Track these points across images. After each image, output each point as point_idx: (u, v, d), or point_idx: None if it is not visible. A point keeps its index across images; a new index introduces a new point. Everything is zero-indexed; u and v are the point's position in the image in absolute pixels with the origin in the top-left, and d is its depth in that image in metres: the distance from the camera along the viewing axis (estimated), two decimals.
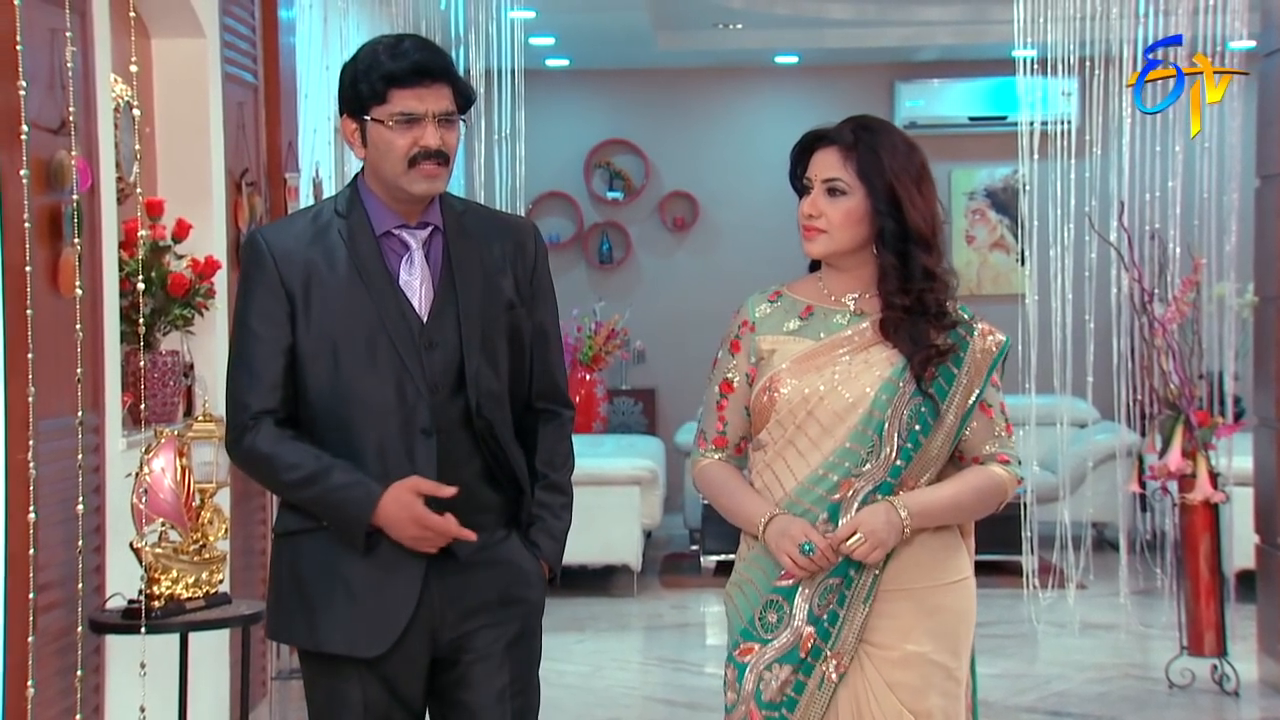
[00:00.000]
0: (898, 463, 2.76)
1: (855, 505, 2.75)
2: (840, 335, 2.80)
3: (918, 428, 2.76)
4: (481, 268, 2.82)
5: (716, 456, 2.92)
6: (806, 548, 2.71)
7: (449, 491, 2.70)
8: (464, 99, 2.77)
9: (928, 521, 2.77)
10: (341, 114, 2.79)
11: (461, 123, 2.80)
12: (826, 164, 2.80)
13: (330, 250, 2.77)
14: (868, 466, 2.76)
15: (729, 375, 2.90)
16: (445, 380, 2.77)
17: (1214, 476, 5.79)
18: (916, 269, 2.75)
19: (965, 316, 2.84)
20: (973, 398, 2.80)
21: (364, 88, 2.72)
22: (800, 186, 2.84)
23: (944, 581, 2.81)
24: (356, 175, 2.85)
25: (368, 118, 2.73)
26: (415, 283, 2.79)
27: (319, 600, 2.77)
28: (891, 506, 2.73)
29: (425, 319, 2.78)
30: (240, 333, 2.79)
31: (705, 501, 4.01)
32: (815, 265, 2.89)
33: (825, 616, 2.74)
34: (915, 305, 2.76)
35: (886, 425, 2.75)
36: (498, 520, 2.84)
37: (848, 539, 2.71)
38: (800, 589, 2.76)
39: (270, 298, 2.76)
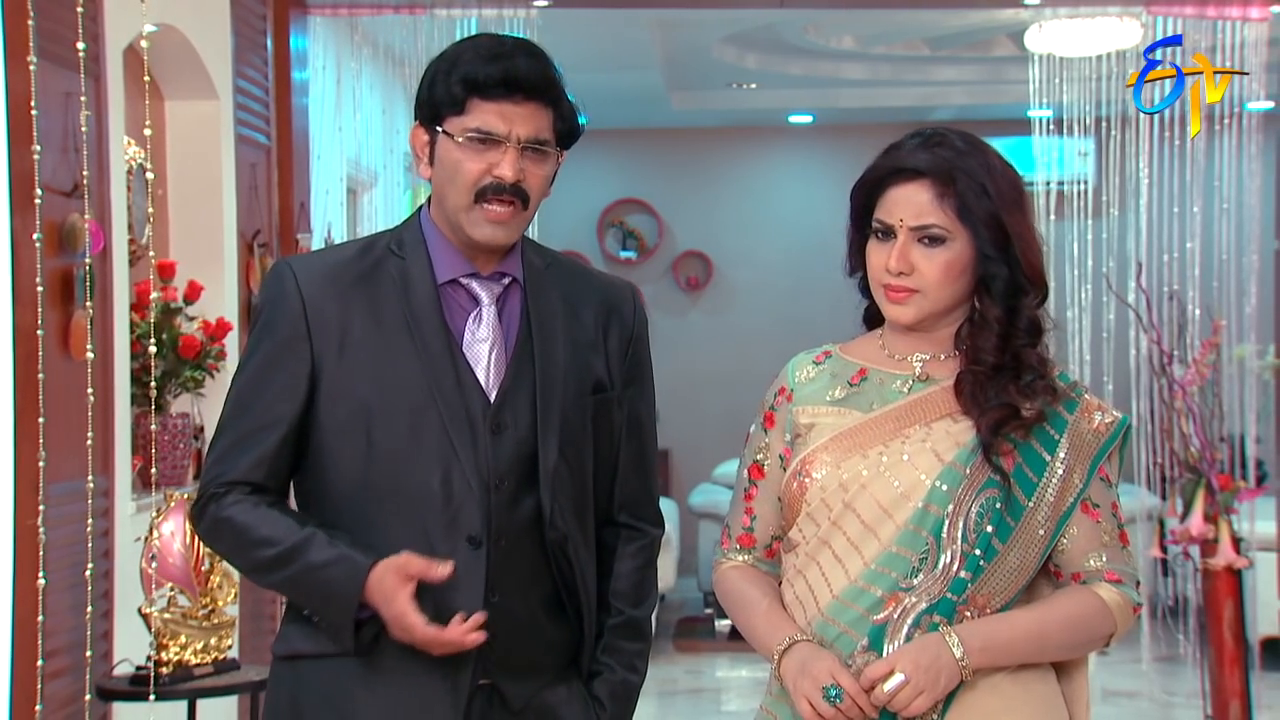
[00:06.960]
0: (961, 575, 2.08)
1: (905, 629, 2.08)
2: (896, 406, 2.15)
3: (990, 529, 2.08)
4: (568, 336, 2.25)
5: (741, 559, 2.26)
6: (832, 693, 2.03)
7: (444, 572, 2.10)
8: (566, 128, 2.20)
9: (997, 659, 2.07)
10: (415, 119, 2.25)
11: (557, 159, 2.22)
12: (916, 204, 2.13)
13: (377, 297, 2.20)
14: (920, 578, 2.08)
15: (759, 457, 2.25)
16: (511, 475, 2.19)
17: (1237, 541, 5.70)
18: (1024, 322, 2.13)
19: (1065, 386, 2.16)
20: (1073, 495, 2.12)
21: (440, 90, 2.16)
22: (869, 230, 2.17)
23: None
24: (421, 206, 2.31)
25: (440, 129, 2.18)
26: (484, 348, 2.21)
27: None
28: (943, 641, 2.05)
29: (493, 395, 2.20)
30: (239, 389, 2.21)
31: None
32: (872, 323, 2.27)
33: None
34: (1009, 363, 2.12)
35: (946, 524, 2.08)
36: (559, 663, 2.27)
37: (883, 680, 2.03)
38: None
39: (287, 353, 2.18)
